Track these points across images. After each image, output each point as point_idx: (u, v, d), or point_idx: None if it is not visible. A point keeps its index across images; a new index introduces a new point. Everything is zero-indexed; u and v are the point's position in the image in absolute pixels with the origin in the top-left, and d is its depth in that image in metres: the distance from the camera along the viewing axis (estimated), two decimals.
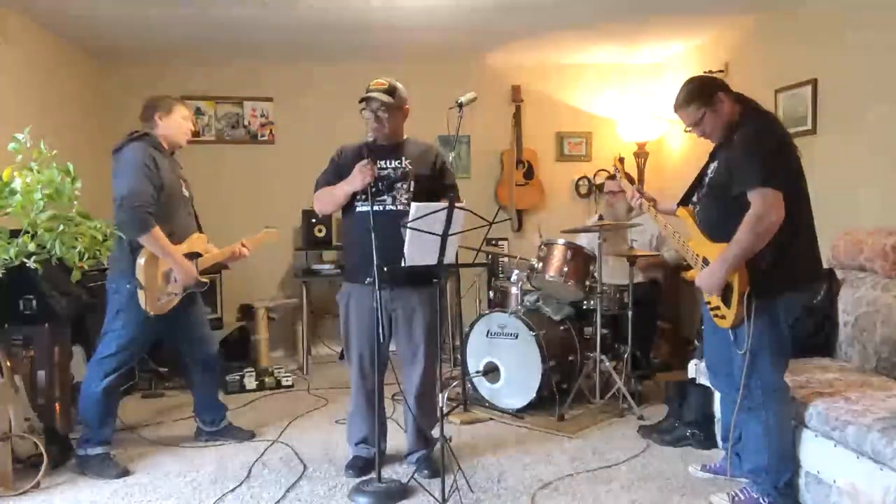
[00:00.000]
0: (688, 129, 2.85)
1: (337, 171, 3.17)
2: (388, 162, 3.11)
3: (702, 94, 2.74)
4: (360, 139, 3.16)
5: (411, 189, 3.08)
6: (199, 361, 3.64)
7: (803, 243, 2.68)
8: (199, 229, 3.57)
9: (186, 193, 3.48)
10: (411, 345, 3.16)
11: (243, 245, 3.64)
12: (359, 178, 2.99)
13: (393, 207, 3.06)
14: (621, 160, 3.65)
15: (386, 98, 3.03)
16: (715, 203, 2.77)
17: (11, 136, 2.68)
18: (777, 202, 2.53)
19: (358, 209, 3.12)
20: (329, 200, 3.18)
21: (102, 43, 5.15)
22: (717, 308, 2.76)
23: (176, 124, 3.42)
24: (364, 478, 3.10)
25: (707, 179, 2.83)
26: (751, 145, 2.61)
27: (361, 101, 3.05)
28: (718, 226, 2.72)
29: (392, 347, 3.19)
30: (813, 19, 4.21)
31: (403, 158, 3.12)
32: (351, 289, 3.20)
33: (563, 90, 6.15)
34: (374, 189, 2.99)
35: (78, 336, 3.95)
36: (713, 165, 2.82)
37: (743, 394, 2.70)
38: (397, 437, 3.45)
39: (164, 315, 3.30)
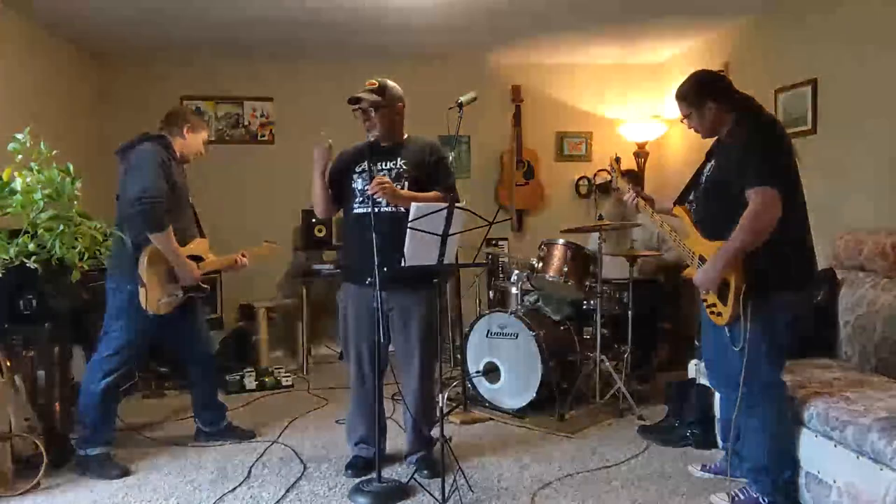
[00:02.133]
0: (681, 119, 2.93)
1: (338, 174, 3.18)
2: (384, 163, 3.11)
3: (691, 94, 2.82)
4: (361, 140, 3.17)
5: (405, 189, 3.07)
6: (198, 362, 3.64)
7: (798, 243, 2.70)
8: (202, 234, 3.58)
9: (191, 199, 3.50)
10: (408, 345, 3.15)
11: (243, 255, 3.66)
12: (315, 155, 3.03)
13: (388, 209, 3.04)
14: (617, 160, 3.66)
15: (374, 97, 3.03)
16: (711, 202, 2.79)
17: (11, 136, 2.68)
18: (774, 200, 2.55)
19: (354, 210, 3.12)
20: (314, 197, 3.18)
21: (102, 43, 5.15)
22: (714, 305, 2.77)
23: (197, 144, 3.51)
24: (364, 478, 3.10)
25: (704, 178, 2.86)
26: (748, 145, 2.64)
27: (351, 101, 3.06)
28: (715, 224, 2.74)
29: (391, 348, 3.19)
30: (813, 19, 4.21)
31: (399, 159, 3.12)
32: (348, 289, 3.21)
33: (563, 90, 6.15)
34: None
35: (78, 336, 3.94)
36: (710, 164, 2.85)
37: (741, 391, 2.71)
38: (397, 438, 3.45)
39: (164, 316, 3.31)
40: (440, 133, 3.85)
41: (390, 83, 3.11)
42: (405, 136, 3.21)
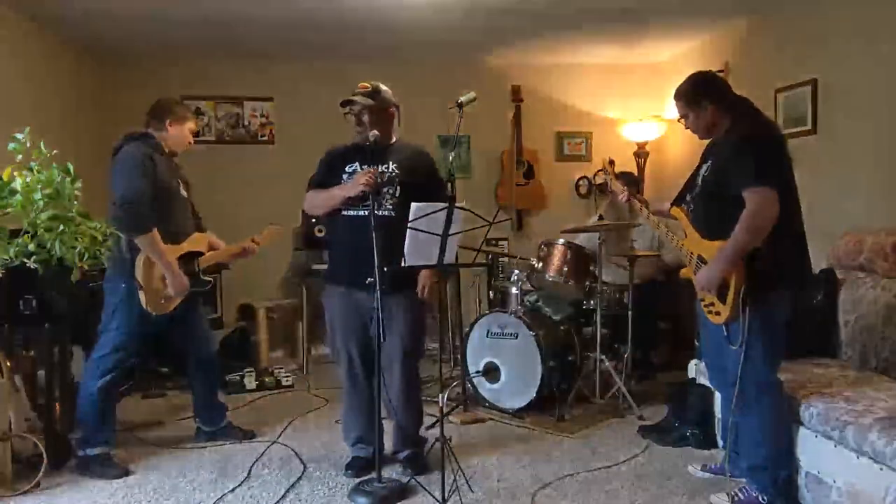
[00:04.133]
0: (679, 119, 2.95)
1: (327, 173, 3.18)
2: (375, 166, 3.09)
3: (688, 94, 2.85)
4: (349, 140, 3.17)
5: (397, 194, 3.06)
6: (199, 361, 3.64)
7: (795, 242, 2.72)
8: (201, 229, 3.58)
9: (184, 194, 3.49)
10: (391, 347, 3.11)
11: (253, 240, 3.65)
12: (358, 183, 2.97)
13: (378, 212, 3.02)
14: (611, 162, 3.66)
15: (367, 101, 3.03)
16: (709, 202, 2.81)
17: (11, 136, 2.67)
18: (772, 199, 2.57)
19: (343, 213, 3.10)
20: (322, 204, 3.16)
21: (102, 43, 5.15)
22: (712, 304, 2.77)
23: (183, 135, 3.47)
24: (364, 478, 3.10)
25: (700, 179, 2.87)
26: (746, 145, 2.66)
27: (343, 104, 3.05)
28: (712, 224, 2.75)
29: None
30: (813, 19, 4.21)
31: (391, 163, 3.10)
32: (332, 292, 3.20)
33: (563, 90, 6.15)
34: (376, 188, 2.99)
35: (78, 336, 3.94)
36: (706, 165, 2.87)
37: (737, 389, 2.72)
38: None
39: (164, 315, 3.31)
40: (440, 133, 3.85)
41: (383, 87, 3.10)
42: (394, 139, 3.19)
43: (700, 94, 2.82)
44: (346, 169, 3.11)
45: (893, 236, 3.27)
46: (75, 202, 2.76)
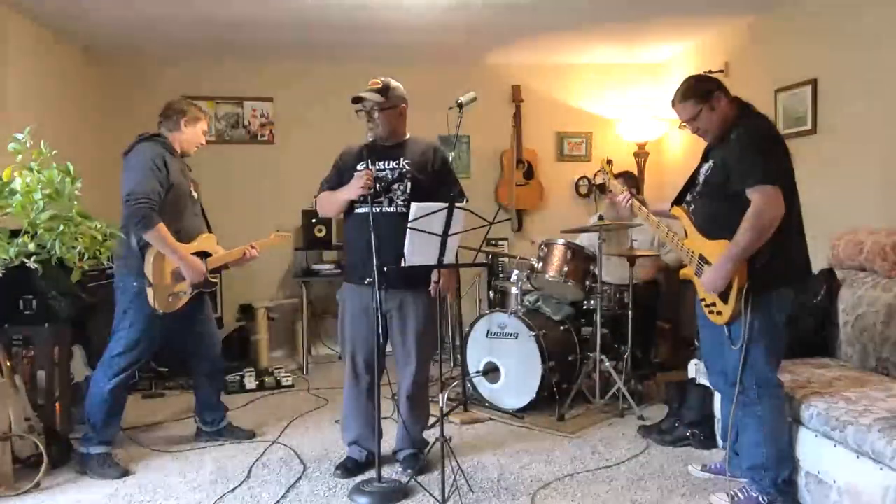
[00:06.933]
0: (683, 125, 2.89)
1: (339, 174, 3.19)
2: (386, 163, 3.11)
3: (699, 91, 2.79)
4: (361, 140, 3.17)
5: (408, 190, 3.07)
6: (205, 362, 3.64)
7: (796, 241, 2.72)
8: (209, 229, 3.58)
9: (195, 194, 3.50)
10: (404, 346, 3.16)
11: (252, 247, 3.65)
12: (356, 186, 3.00)
13: (390, 209, 3.05)
14: (609, 162, 3.65)
15: (377, 98, 3.03)
16: (710, 201, 2.80)
17: (11, 136, 2.67)
18: (777, 198, 2.57)
19: (356, 210, 3.12)
20: (329, 205, 3.21)
21: (102, 43, 5.15)
22: (714, 304, 2.77)
23: (196, 135, 3.49)
24: (364, 477, 3.11)
25: (701, 178, 2.86)
26: (749, 144, 2.65)
27: (353, 101, 3.06)
28: (714, 223, 2.75)
29: (388, 348, 3.19)
30: (813, 19, 4.21)
31: (402, 159, 3.11)
32: (347, 288, 3.22)
33: (563, 90, 6.15)
34: (371, 190, 3.00)
35: (78, 336, 3.95)
36: (707, 165, 2.86)
37: (738, 389, 2.72)
38: (395, 438, 3.44)
39: (173, 314, 3.31)
40: (440, 133, 3.85)
41: (393, 83, 3.11)
42: (407, 136, 3.21)
43: (708, 87, 2.78)
44: (358, 167, 3.11)
45: (893, 236, 3.27)
46: (75, 202, 2.76)
